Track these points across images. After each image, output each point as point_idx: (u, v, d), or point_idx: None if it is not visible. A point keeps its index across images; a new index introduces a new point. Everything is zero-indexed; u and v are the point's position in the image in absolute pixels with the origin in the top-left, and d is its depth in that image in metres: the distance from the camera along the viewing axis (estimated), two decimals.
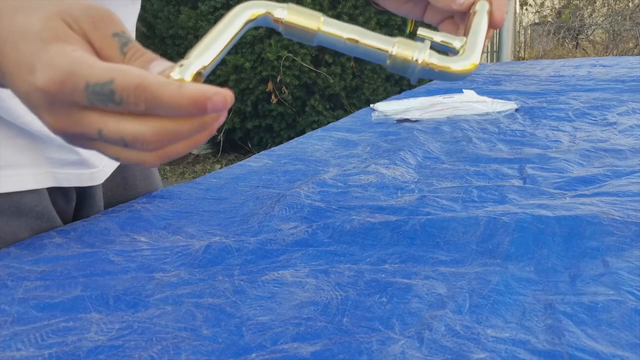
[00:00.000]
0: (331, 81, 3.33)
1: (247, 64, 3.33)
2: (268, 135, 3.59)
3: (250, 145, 3.64)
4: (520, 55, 5.75)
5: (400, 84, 3.45)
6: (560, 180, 0.61)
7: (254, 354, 0.34)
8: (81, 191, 0.63)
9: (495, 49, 4.60)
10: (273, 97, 3.38)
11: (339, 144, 0.88)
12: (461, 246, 0.47)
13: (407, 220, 0.51)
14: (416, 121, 1.00)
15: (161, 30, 3.61)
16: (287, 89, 3.36)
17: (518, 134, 0.86)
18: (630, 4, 5.30)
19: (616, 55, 5.08)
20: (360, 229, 0.51)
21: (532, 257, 0.44)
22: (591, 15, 5.49)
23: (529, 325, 0.35)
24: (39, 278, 0.45)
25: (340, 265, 0.45)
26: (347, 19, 3.26)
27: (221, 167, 2.61)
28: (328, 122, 2.13)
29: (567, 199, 0.55)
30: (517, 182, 0.62)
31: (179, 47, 3.53)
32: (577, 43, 5.44)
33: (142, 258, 0.48)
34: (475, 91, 1.20)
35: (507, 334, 0.34)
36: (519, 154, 0.74)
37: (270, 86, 3.36)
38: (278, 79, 3.34)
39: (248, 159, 0.81)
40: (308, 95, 3.44)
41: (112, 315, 0.39)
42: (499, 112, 1.02)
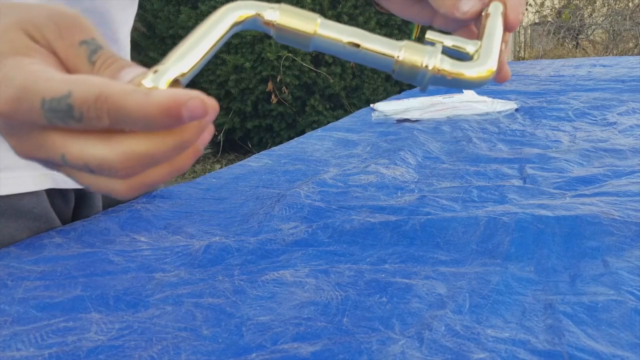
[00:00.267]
0: (331, 81, 3.33)
1: (247, 64, 3.33)
2: (268, 135, 3.59)
3: (250, 145, 3.64)
4: (520, 55, 5.75)
5: (400, 84, 3.45)
6: (560, 180, 0.61)
7: (254, 354, 0.34)
8: (80, 192, 0.63)
9: None
10: (273, 97, 3.38)
11: (339, 144, 0.88)
12: (461, 246, 0.47)
13: (407, 220, 0.51)
14: (416, 121, 1.00)
15: (161, 30, 3.61)
16: (287, 88, 3.36)
17: (518, 134, 0.86)
18: (630, 4, 5.30)
19: (616, 55, 5.08)
20: (360, 229, 0.51)
21: (532, 257, 0.44)
22: (591, 15, 5.49)
23: (529, 325, 0.35)
24: (38, 278, 0.45)
25: (340, 265, 0.45)
26: (347, 18, 3.25)
27: (221, 167, 2.61)
28: (328, 122, 2.13)
29: (567, 199, 0.55)
30: (517, 182, 0.62)
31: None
32: (577, 43, 5.44)
33: (142, 258, 0.48)
34: (475, 91, 1.20)
35: (507, 334, 0.34)
36: (519, 154, 0.74)
37: (270, 86, 3.36)
38: (278, 79, 3.34)
39: (248, 159, 0.81)
40: (308, 95, 3.44)
41: (112, 315, 0.39)
42: (499, 112, 1.02)
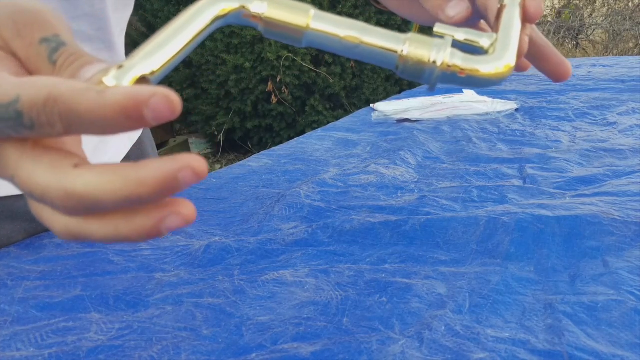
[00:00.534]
0: (331, 81, 3.33)
1: (247, 64, 3.33)
2: (268, 135, 3.59)
3: (250, 145, 3.64)
4: None
5: (401, 83, 3.45)
6: (560, 180, 0.61)
7: (254, 354, 0.34)
8: None
9: None
10: (273, 97, 3.38)
11: (339, 144, 0.88)
12: (461, 246, 0.47)
13: (407, 220, 0.51)
14: (416, 121, 1.00)
15: None
16: (287, 89, 3.36)
17: (518, 134, 0.86)
18: (630, 4, 5.30)
19: (616, 55, 5.08)
20: (360, 229, 0.51)
21: (532, 257, 0.44)
22: (591, 15, 5.49)
23: (529, 325, 0.35)
24: (39, 278, 0.45)
25: (340, 265, 0.45)
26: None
27: (221, 167, 2.61)
28: (328, 122, 2.13)
29: (567, 199, 0.55)
30: (517, 182, 0.62)
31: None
32: (577, 43, 5.44)
33: (142, 258, 0.48)
34: (475, 91, 1.20)
35: (507, 334, 0.34)
36: (519, 154, 0.74)
37: (270, 86, 3.36)
38: (278, 79, 3.33)
39: (248, 159, 0.81)
40: (308, 95, 3.44)
41: (112, 315, 0.39)
42: (499, 112, 1.02)
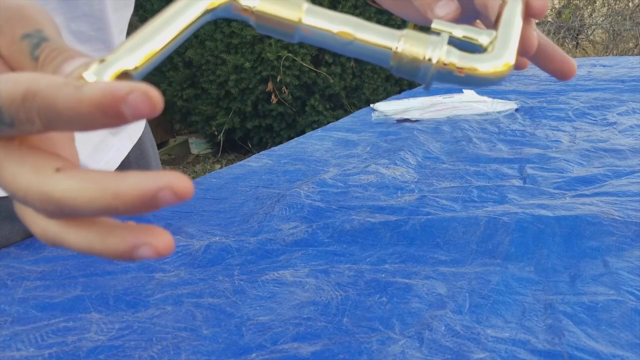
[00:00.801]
0: (331, 81, 3.33)
1: (247, 64, 3.33)
2: (268, 135, 3.59)
3: (250, 145, 3.64)
4: None
5: (400, 83, 3.45)
6: (560, 180, 0.61)
7: (254, 354, 0.34)
8: None
9: None
10: (273, 97, 3.38)
11: (339, 144, 0.88)
12: (461, 246, 0.47)
13: (407, 220, 0.51)
14: (416, 121, 1.00)
15: None
16: (287, 89, 3.36)
17: (518, 134, 0.86)
18: (630, 4, 5.30)
19: (616, 55, 5.08)
20: (360, 229, 0.51)
21: (532, 257, 0.44)
22: (591, 15, 5.49)
23: (529, 325, 0.35)
24: (39, 278, 0.45)
25: (340, 265, 0.45)
26: None
27: (221, 167, 2.61)
28: (328, 122, 2.13)
29: (567, 199, 0.55)
30: (517, 182, 0.62)
31: (179, 47, 3.53)
32: (577, 43, 5.44)
33: None
34: (475, 91, 1.20)
35: (507, 334, 0.34)
36: (519, 154, 0.74)
37: (270, 86, 3.36)
38: (278, 79, 3.33)
39: (248, 159, 0.81)
40: (308, 95, 3.44)
41: (112, 315, 0.39)
42: (499, 112, 1.02)
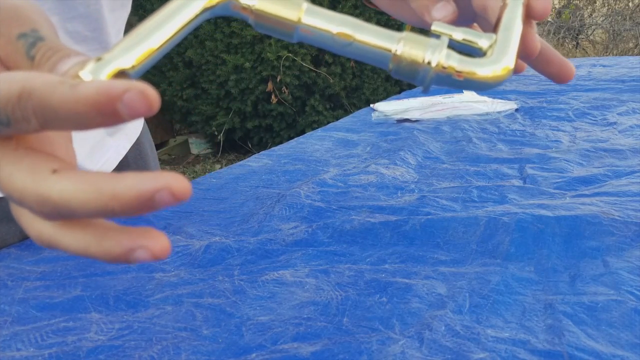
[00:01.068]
0: (331, 81, 3.33)
1: (247, 64, 3.33)
2: (268, 135, 3.59)
3: (250, 145, 3.64)
4: None
5: (401, 83, 3.45)
6: (560, 180, 0.61)
7: (254, 354, 0.34)
8: None
9: None
10: (273, 97, 3.38)
11: (339, 144, 0.88)
12: (461, 246, 0.47)
13: (407, 220, 0.51)
14: (416, 121, 1.00)
15: None
16: (287, 89, 3.36)
17: (518, 134, 0.86)
18: (630, 4, 5.30)
19: (616, 55, 5.08)
20: (360, 229, 0.51)
21: (532, 257, 0.44)
22: (591, 15, 5.49)
23: (529, 325, 0.35)
24: (39, 278, 0.45)
25: (340, 265, 0.45)
26: None
27: (221, 167, 2.61)
28: (328, 122, 2.13)
29: (567, 199, 0.55)
30: (517, 182, 0.62)
31: (179, 47, 3.53)
32: (577, 43, 5.43)
33: None
34: (475, 91, 1.20)
35: (507, 334, 0.34)
36: (519, 154, 0.74)
37: (270, 86, 3.36)
38: (278, 79, 3.33)
39: (248, 159, 0.81)
40: (308, 95, 3.44)
41: (112, 315, 0.39)
42: (499, 112, 1.02)
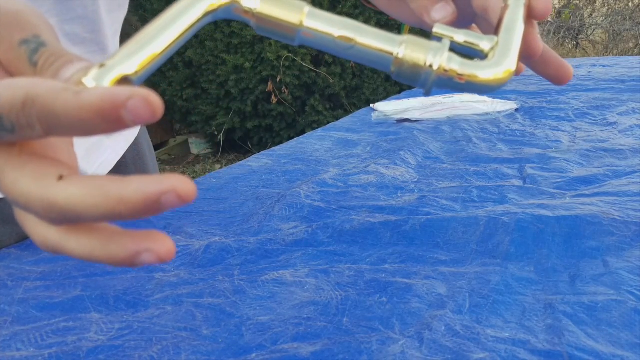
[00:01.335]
0: (331, 81, 3.33)
1: (247, 64, 3.32)
2: (268, 135, 3.59)
3: (250, 145, 3.64)
4: None
5: (401, 83, 3.45)
6: (560, 180, 0.61)
7: (254, 354, 0.34)
8: None
9: None
10: (273, 97, 3.38)
11: (339, 144, 0.88)
12: (461, 246, 0.47)
13: (407, 220, 0.51)
14: (416, 121, 1.00)
15: None
16: (287, 89, 3.36)
17: (518, 134, 0.86)
18: (630, 4, 5.30)
19: (616, 55, 5.08)
20: (360, 229, 0.51)
21: (532, 257, 0.44)
22: (591, 15, 5.49)
23: (529, 325, 0.35)
24: (39, 278, 0.45)
25: (340, 265, 0.45)
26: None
27: (221, 167, 2.61)
28: (328, 122, 2.13)
29: (567, 199, 0.55)
30: (517, 182, 0.62)
31: (179, 48, 3.52)
32: (577, 43, 5.43)
33: None
34: (477, 94, 1.20)
35: (507, 334, 0.34)
36: (519, 154, 0.74)
37: (270, 86, 3.36)
38: (278, 79, 3.33)
39: (248, 159, 0.81)
40: (308, 95, 3.44)
41: (112, 315, 0.39)
42: (499, 112, 1.02)
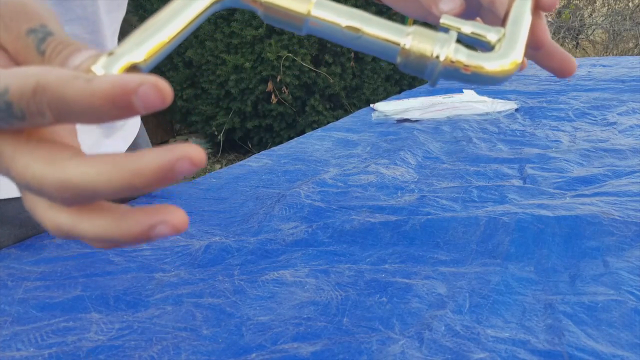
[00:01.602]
0: (331, 81, 3.33)
1: (247, 64, 3.33)
2: (268, 135, 3.59)
3: (250, 145, 3.64)
4: None
5: (400, 83, 3.45)
6: (560, 180, 0.61)
7: (254, 354, 0.34)
8: None
9: None
10: (273, 97, 3.38)
11: (339, 144, 0.88)
12: (461, 246, 0.47)
13: (407, 220, 0.51)
14: (416, 121, 1.00)
15: None
16: (287, 88, 3.36)
17: (518, 134, 0.86)
18: (630, 4, 5.30)
19: (616, 55, 5.08)
20: (360, 229, 0.51)
21: (532, 257, 0.44)
22: (591, 15, 5.49)
23: (529, 325, 0.35)
24: (39, 278, 0.45)
25: (340, 265, 0.45)
26: None
27: (221, 167, 2.61)
28: (328, 122, 2.13)
29: (567, 199, 0.55)
30: (517, 182, 0.62)
31: (179, 47, 3.53)
32: (577, 43, 5.44)
33: (142, 258, 0.48)
34: (475, 91, 1.20)
35: (507, 334, 0.34)
36: (519, 154, 0.74)
37: (270, 86, 3.36)
38: (278, 79, 3.33)
39: (248, 159, 0.81)
40: (308, 95, 3.44)
41: (112, 315, 0.39)
42: (499, 112, 1.02)
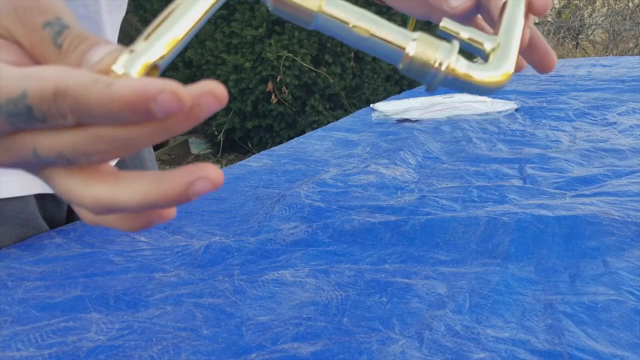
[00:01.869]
0: (331, 81, 3.33)
1: (247, 64, 3.32)
2: (268, 135, 3.59)
3: (250, 145, 3.64)
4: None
5: (400, 83, 3.45)
6: (560, 180, 0.61)
7: (254, 354, 0.34)
8: None
9: None
10: (273, 97, 3.38)
11: (339, 144, 0.88)
12: (461, 246, 0.47)
13: (407, 220, 0.51)
14: (416, 121, 1.00)
15: None
16: (287, 88, 3.36)
17: (518, 134, 0.86)
18: (630, 4, 5.30)
19: (616, 55, 5.08)
20: (360, 229, 0.51)
21: (532, 257, 0.44)
22: (591, 15, 5.49)
23: (529, 325, 0.35)
24: (39, 278, 0.45)
25: (340, 265, 0.45)
26: None
27: (221, 167, 2.61)
28: (328, 122, 2.13)
29: (567, 199, 0.55)
30: (517, 182, 0.62)
31: None
32: (577, 43, 5.44)
33: (142, 258, 0.48)
34: (477, 94, 1.20)
35: (507, 334, 0.34)
36: (519, 154, 0.74)
37: (270, 86, 3.35)
38: (278, 79, 3.33)
39: (248, 159, 0.81)
40: (308, 95, 3.44)
41: (112, 315, 0.39)
42: (499, 112, 1.02)
